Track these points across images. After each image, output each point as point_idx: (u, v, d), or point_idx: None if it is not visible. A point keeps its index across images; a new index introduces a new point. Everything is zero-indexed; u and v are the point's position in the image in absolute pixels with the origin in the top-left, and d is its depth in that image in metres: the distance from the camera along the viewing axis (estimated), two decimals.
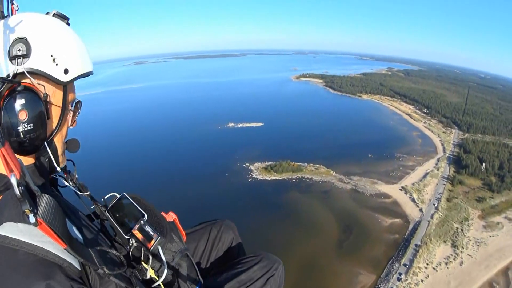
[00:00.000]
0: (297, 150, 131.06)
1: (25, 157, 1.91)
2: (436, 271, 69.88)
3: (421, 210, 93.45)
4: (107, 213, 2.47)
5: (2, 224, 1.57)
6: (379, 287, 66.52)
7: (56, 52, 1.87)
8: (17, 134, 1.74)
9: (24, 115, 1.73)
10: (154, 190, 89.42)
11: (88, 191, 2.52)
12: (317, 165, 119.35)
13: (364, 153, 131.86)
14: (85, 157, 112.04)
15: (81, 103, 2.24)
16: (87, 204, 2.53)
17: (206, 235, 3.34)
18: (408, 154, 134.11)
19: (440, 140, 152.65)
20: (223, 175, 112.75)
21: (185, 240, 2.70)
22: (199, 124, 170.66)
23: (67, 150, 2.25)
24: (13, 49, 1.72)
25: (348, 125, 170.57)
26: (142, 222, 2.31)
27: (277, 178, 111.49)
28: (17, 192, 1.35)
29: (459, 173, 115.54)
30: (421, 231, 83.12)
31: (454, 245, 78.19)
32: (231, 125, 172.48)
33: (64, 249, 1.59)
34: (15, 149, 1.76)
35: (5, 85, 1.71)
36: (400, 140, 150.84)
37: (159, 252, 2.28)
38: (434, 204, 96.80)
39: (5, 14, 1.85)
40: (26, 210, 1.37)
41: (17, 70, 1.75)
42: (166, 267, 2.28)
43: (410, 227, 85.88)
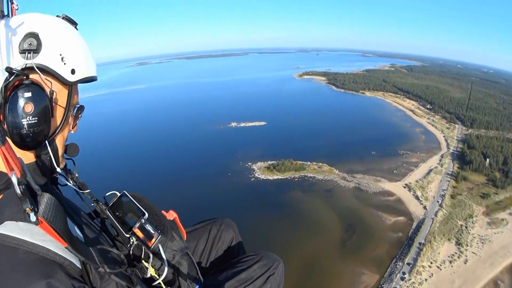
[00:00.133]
0: (300, 149, 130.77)
1: (26, 156, 1.91)
2: (440, 270, 69.32)
3: (425, 208, 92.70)
4: (108, 212, 2.46)
5: (3, 223, 1.58)
6: (383, 287, 66.09)
7: (65, 52, 1.91)
8: (21, 127, 1.75)
9: (30, 108, 1.74)
10: (156, 190, 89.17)
11: (89, 190, 2.50)
12: (320, 164, 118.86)
13: (367, 151, 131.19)
14: (88, 157, 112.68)
15: (84, 108, 2.25)
16: (88, 203, 2.52)
17: (206, 234, 3.35)
18: (412, 151, 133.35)
19: (444, 136, 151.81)
20: (225, 175, 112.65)
21: (186, 239, 2.72)
22: (201, 124, 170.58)
23: (66, 154, 2.28)
24: (24, 43, 1.75)
25: (351, 123, 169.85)
26: (143, 221, 2.32)
27: (280, 178, 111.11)
28: (18, 191, 1.36)
29: (463, 169, 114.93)
30: (425, 229, 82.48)
31: (459, 243, 77.55)
32: (233, 125, 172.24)
33: (65, 248, 1.60)
34: (17, 143, 1.79)
35: (13, 77, 1.73)
36: (404, 137, 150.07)
37: (160, 251, 2.30)
38: (438, 201, 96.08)
39: (5, 13, 1.88)
40: (27, 209, 1.38)
41: (26, 64, 1.76)
42: (167, 266, 2.30)
43: (414, 225, 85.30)
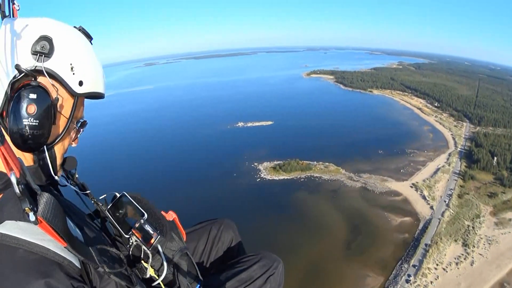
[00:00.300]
0: (307, 148, 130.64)
1: (26, 159, 1.92)
2: (446, 272, 68.76)
3: (432, 208, 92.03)
4: (107, 212, 2.49)
5: (3, 222, 1.59)
6: None
7: (76, 62, 1.91)
8: (22, 127, 1.74)
9: (33, 109, 1.74)
10: (161, 191, 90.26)
11: (89, 190, 2.52)
12: (327, 163, 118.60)
13: (374, 150, 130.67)
14: (94, 158, 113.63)
15: (87, 124, 2.25)
16: (88, 203, 2.54)
17: (206, 234, 3.35)
18: (419, 150, 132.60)
19: (452, 134, 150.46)
20: (231, 176, 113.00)
21: (185, 239, 2.72)
22: (208, 124, 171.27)
23: (64, 167, 2.26)
24: (37, 45, 1.76)
25: (359, 122, 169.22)
26: (142, 221, 2.33)
27: (286, 178, 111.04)
28: (17, 191, 1.35)
29: (471, 168, 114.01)
30: (432, 230, 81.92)
31: (465, 244, 76.83)
32: (241, 125, 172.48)
33: (64, 248, 1.59)
34: (16, 143, 1.78)
35: (21, 77, 1.74)
36: (411, 135, 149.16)
37: (159, 251, 2.32)
38: (445, 201, 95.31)
39: (7, 14, 1.88)
40: (26, 209, 1.38)
41: (35, 66, 1.77)
42: (166, 266, 2.31)
43: (421, 226, 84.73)
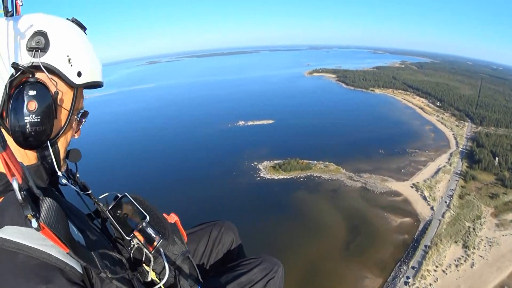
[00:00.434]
0: (307, 147, 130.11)
1: (27, 157, 1.90)
2: (446, 274, 67.96)
3: (432, 209, 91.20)
4: (108, 213, 2.45)
5: (4, 227, 1.56)
6: None
7: (73, 54, 1.89)
8: (23, 124, 1.72)
9: (34, 106, 1.72)
10: (161, 190, 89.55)
11: (90, 190, 2.47)
12: (327, 163, 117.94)
13: (375, 149, 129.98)
14: (94, 157, 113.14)
15: (88, 114, 2.24)
16: (88, 204, 2.49)
17: (207, 236, 3.30)
18: (420, 149, 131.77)
19: (453, 134, 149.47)
20: (231, 175, 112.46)
21: (186, 241, 2.71)
22: (209, 123, 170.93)
23: (68, 160, 2.27)
24: (32, 41, 1.74)
25: (360, 121, 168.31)
26: (144, 224, 2.31)
27: (285, 177, 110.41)
28: (19, 197, 1.32)
29: (472, 168, 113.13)
30: (432, 231, 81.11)
31: (466, 246, 75.97)
32: (241, 123, 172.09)
33: (67, 253, 1.58)
34: (19, 142, 1.77)
35: (19, 75, 1.71)
36: (412, 135, 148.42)
37: (161, 255, 2.31)
38: (446, 202, 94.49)
39: (9, 10, 1.85)
40: (29, 215, 1.34)
41: (33, 62, 1.75)
42: (168, 270, 2.29)
43: (421, 227, 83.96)
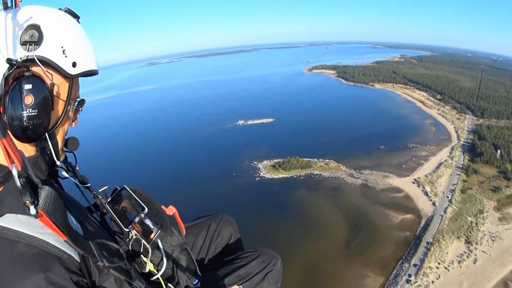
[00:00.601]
0: (307, 145, 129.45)
1: (26, 149, 1.90)
2: (448, 271, 67.04)
3: (434, 204, 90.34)
4: (107, 206, 2.45)
5: (3, 215, 1.58)
6: None
7: (67, 44, 1.90)
8: (21, 119, 1.74)
9: (30, 100, 1.74)
10: (159, 192, 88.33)
11: (89, 183, 2.49)
12: (327, 160, 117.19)
13: (376, 145, 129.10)
14: (94, 158, 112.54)
15: (84, 102, 2.24)
16: (87, 196, 2.50)
17: (205, 229, 3.32)
18: (421, 144, 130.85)
19: (454, 127, 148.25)
20: (230, 175, 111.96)
21: (185, 234, 2.71)
22: (209, 123, 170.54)
23: (66, 148, 2.28)
24: (26, 35, 1.75)
25: (360, 117, 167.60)
26: (142, 215, 2.31)
27: (285, 176, 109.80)
28: (18, 184, 1.34)
29: (474, 162, 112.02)
30: (434, 227, 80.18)
31: (468, 241, 75.00)
32: (241, 123, 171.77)
33: (64, 241, 1.59)
34: (17, 135, 1.77)
35: (14, 69, 1.72)
36: (413, 129, 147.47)
37: (159, 246, 2.30)
38: (448, 197, 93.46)
39: (9, 5, 1.87)
40: (27, 202, 1.36)
41: (27, 56, 1.76)
42: (166, 261, 2.29)
43: (422, 223, 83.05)
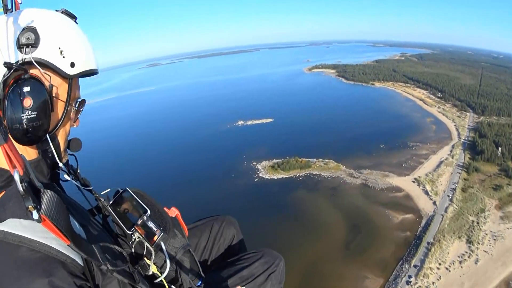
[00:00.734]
0: (307, 145, 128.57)
1: (27, 152, 1.90)
2: (449, 272, 66.04)
3: (435, 203, 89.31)
4: (109, 208, 2.44)
5: (5, 220, 1.58)
6: None
7: (64, 45, 1.90)
8: (20, 122, 1.74)
9: (29, 102, 1.74)
10: (158, 194, 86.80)
11: (91, 186, 2.49)
12: (326, 160, 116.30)
13: (376, 144, 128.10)
14: (94, 161, 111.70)
15: (85, 102, 2.24)
16: (89, 199, 2.50)
17: (208, 231, 3.33)
18: (422, 142, 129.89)
19: (455, 125, 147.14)
20: (229, 176, 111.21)
21: (187, 235, 2.72)
22: (209, 124, 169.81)
23: (69, 149, 2.28)
24: (22, 37, 1.74)
25: (360, 116, 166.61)
26: (145, 218, 2.31)
27: (284, 177, 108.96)
28: (20, 189, 1.33)
29: (475, 160, 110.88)
30: (434, 227, 79.16)
31: (469, 241, 74.00)
32: (240, 123, 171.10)
33: (68, 246, 1.58)
34: (17, 139, 1.77)
35: (12, 73, 1.72)
36: (413, 128, 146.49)
37: (162, 248, 2.30)
38: (449, 196, 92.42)
39: (9, 8, 1.89)
40: (30, 207, 1.35)
41: (25, 59, 1.76)
42: (169, 263, 2.30)
43: (423, 223, 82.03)
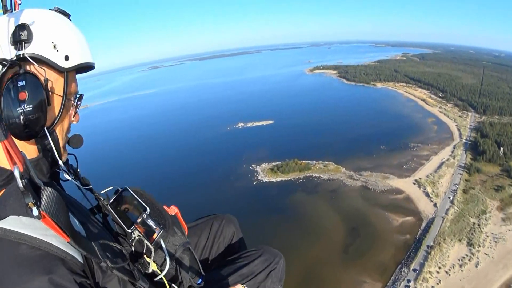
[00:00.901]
0: (307, 147, 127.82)
1: (28, 151, 1.91)
2: (449, 275, 64.95)
3: (435, 205, 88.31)
4: (109, 207, 2.46)
5: (6, 218, 1.58)
6: None
7: (57, 39, 1.91)
8: (17, 115, 1.75)
9: (24, 96, 1.75)
10: (155, 195, 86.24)
11: (90, 185, 2.50)
12: (326, 162, 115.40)
13: (376, 145, 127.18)
14: (95, 162, 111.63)
15: (83, 96, 2.24)
16: (89, 198, 2.51)
17: (208, 229, 3.35)
18: (423, 143, 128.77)
19: (456, 125, 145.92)
20: (228, 179, 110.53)
21: (187, 234, 2.73)
22: (209, 127, 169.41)
23: (70, 146, 2.28)
24: (15, 34, 1.78)
25: (361, 117, 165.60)
26: (145, 216, 2.32)
27: (283, 179, 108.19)
28: (21, 185, 1.34)
29: (476, 160, 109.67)
30: (435, 230, 78.17)
31: (470, 244, 72.81)
32: (241, 125, 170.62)
33: (67, 243, 1.60)
34: (15, 133, 1.77)
35: (7, 69, 1.75)
36: (414, 128, 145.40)
37: (162, 246, 2.31)
38: (450, 198, 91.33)
39: (8, 8, 1.91)
40: (30, 203, 1.36)
41: (20, 55, 1.79)
42: (169, 261, 2.30)
43: (423, 226, 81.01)
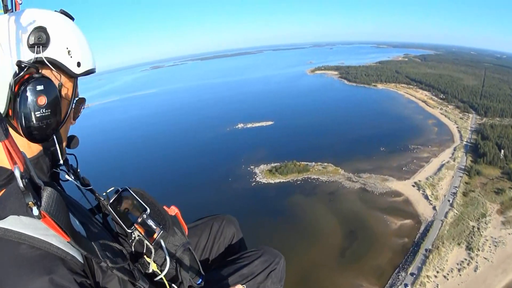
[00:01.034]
0: (306, 148, 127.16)
1: (28, 150, 1.91)
2: (447, 280, 64.01)
3: (435, 208, 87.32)
4: (109, 207, 2.46)
5: (6, 217, 1.58)
6: None
7: (71, 45, 1.93)
8: (35, 119, 1.75)
9: (43, 100, 1.75)
10: (154, 196, 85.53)
11: (90, 185, 2.51)
12: (325, 164, 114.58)
13: (376, 147, 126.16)
14: (95, 162, 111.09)
15: (85, 100, 2.25)
16: (89, 198, 2.52)
17: (208, 230, 3.37)
18: (423, 145, 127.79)
19: (457, 127, 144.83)
20: (226, 180, 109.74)
21: (187, 234, 2.74)
22: (208, 127, 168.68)
23: (67, 147, 2.31)
24: (33, 37, 1.75)
25: (361, 118, 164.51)
26: (145, 216, 2.33)
27: (282, 181, 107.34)
28: (21, 185, 1.34)
29: (477, 163, 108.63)
30: (433, 233, 77.27)
31: (469, 248, 71.82)
32: (240, 126, 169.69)
33: (68, 242, 1.60)
34: (30, 136, 1.79)
35: (24, 71, 1.73)
36: (415, 130, 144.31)
37: (162, 246, 2.32)
38: (449, 200, 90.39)
39: (9, 8, 1.88)
40: (30, 203, 1.36)
41: (36, 58, 1.77)
42: (169, 261, 2.31)
43: (422, 229, 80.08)
